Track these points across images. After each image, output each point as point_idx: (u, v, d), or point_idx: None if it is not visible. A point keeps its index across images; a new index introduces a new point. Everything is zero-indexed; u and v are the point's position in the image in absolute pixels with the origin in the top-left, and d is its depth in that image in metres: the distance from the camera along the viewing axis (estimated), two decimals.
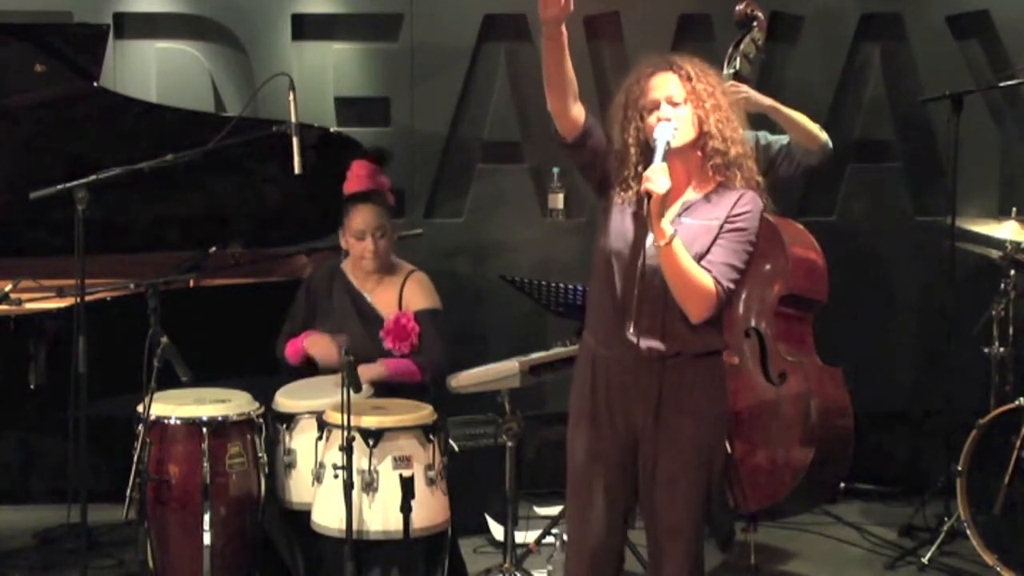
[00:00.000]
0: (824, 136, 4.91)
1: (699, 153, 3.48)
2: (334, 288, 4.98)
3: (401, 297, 4.89)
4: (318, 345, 4.87)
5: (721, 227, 3.44)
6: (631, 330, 3.44)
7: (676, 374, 3.46)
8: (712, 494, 3.58)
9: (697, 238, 3.42)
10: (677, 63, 3.49)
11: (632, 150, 3.46)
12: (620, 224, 3.49)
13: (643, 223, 3.43)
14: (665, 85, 3.45)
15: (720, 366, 3.58)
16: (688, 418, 3.47)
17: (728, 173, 3.46)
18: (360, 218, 4.90)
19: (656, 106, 3.43)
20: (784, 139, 4.96)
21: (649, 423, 3.47)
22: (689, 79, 3.46)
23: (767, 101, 4.90)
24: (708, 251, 3.42)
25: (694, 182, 3.50)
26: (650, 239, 3.42)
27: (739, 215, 3.45)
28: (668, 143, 3.37)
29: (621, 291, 3.46)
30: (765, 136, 4.98)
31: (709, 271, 3.40)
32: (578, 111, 3.50)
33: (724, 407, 3.61)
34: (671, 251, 3.33)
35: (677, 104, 3.44)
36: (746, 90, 4.88)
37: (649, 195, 3.29)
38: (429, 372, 4.78)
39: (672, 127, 3.40)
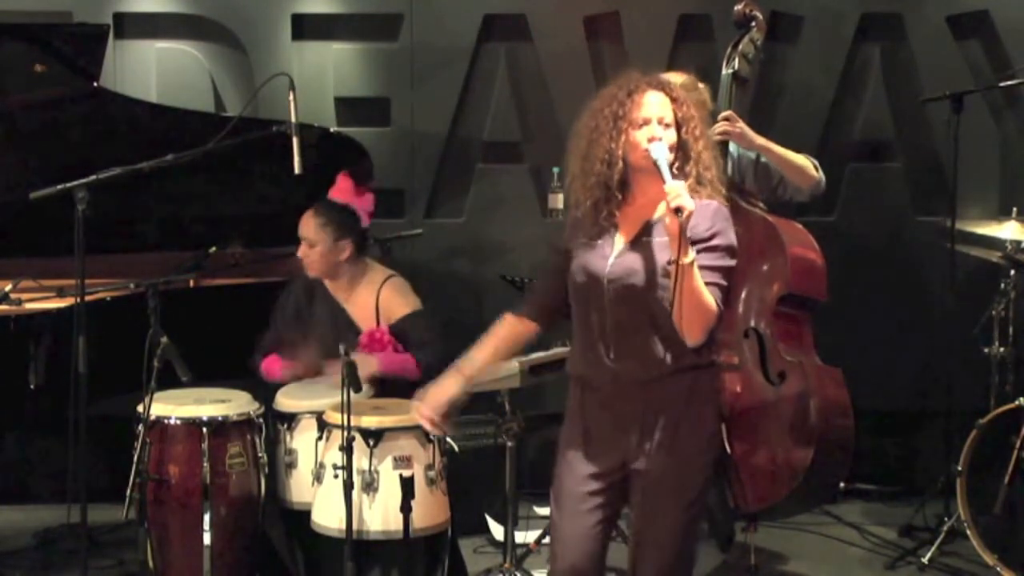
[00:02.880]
0: (818, 175, 4.93)
1: None
2: (315, 298, 4.99)
3: (378, 306, 4.88)
4: (295, 369, 4.90)
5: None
6: (610, 357, 3.45)
7: (660, 394, 3.44)
8: (699, 514, 3.56)
9: (663, 255, 3.40)
10: (669, 85, 3.49)
11: (620, 164, 3.43)
12: (582, 262, 3.49)
13: (602, 256, 3.45)
14: (657, 105, 3.44)
15: (709, 380, 3.54)
16: (674, 439, 3.45)
17: (699, 188, 3.44)
18: (300, 224, 4.94)
19: (647, 122, 3.42)
20: None
21: (637, 445, 3.47)
22: (679, 103, 3.46)
23: (759, 140, 4.90)
24: None
25: (662, 201, 3.47)
26: (609, 263, 3.44)
27: (713, 235, 3.43)
28: (667, 161, 3.37)
29: (596, 321, 3.47)
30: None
31: None
32: (530, 330, 3.68)
33: (714, 424, 3.57)
34: (692, 270, 3.30)
35: (669, 126, 3.44)
36: (742, 126, 4.89)
37: (679, 211, 3.25)
38: (425, 368, 4.77)
39: (666, 146, 3.39)
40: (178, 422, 4.53)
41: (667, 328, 3.40)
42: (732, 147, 4.99)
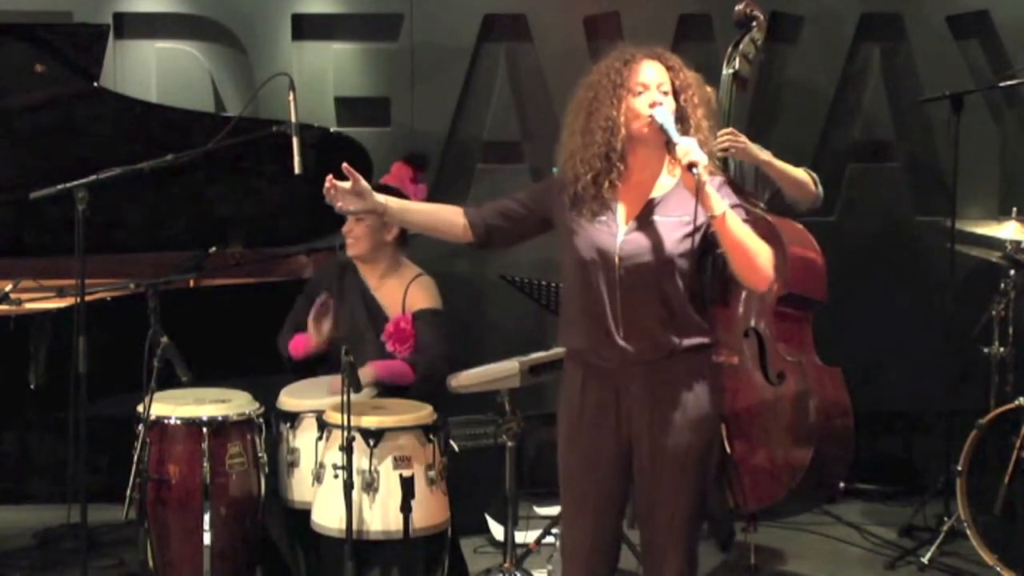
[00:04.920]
0: (817, 190, 4.94)
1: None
2: (345, 281, 5.00)
3: (405, 298, 4.90)
4: (314, 327, 4.88)
5: (701, 226, 3.43)
6: (620, 335, 3.44)
7: (667, 374, 3.46)
8: (708, 492, 3.57)
9: (671, 234, 3.41)
10: (664, 54, 3.51)
11: (622, 131, 3.43)
12: (587, 237, 3.48)
13: (608, 233, 3.45)
14: (654, 72, 3.46)
15: (710, 361, 3.57)
16: (682, 417, 3.47)
17: None
18: None
19: (645, 88, 3.43)
20: None
21: (644, 425, 3.48)
22: (675, 71, 3.48)
23: (763, 156, 4.90)
24: (692, 248, 3.41)
25: (660, 175, 3.49)
26: (620, 240, 3.43)
27: (729, 205, 3.43)
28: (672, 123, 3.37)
29: (605, 300, 3.46)
30: None
31: None
32: (463, 227, 3.63)
33: (717, 404, 3.59)
34: (726, 220, 3.31)
35: (667, 93, 3.45)
36: (744, 140, 4.89)
37: (693, 166, 3.27)
38: (420, 371, 4.78)
39: (668, 111, 3.40)
40: (178, 422, 4.53)
41: (678, 307, 3.42)
42: None
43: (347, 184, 3.60)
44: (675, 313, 3.43)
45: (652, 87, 3.43)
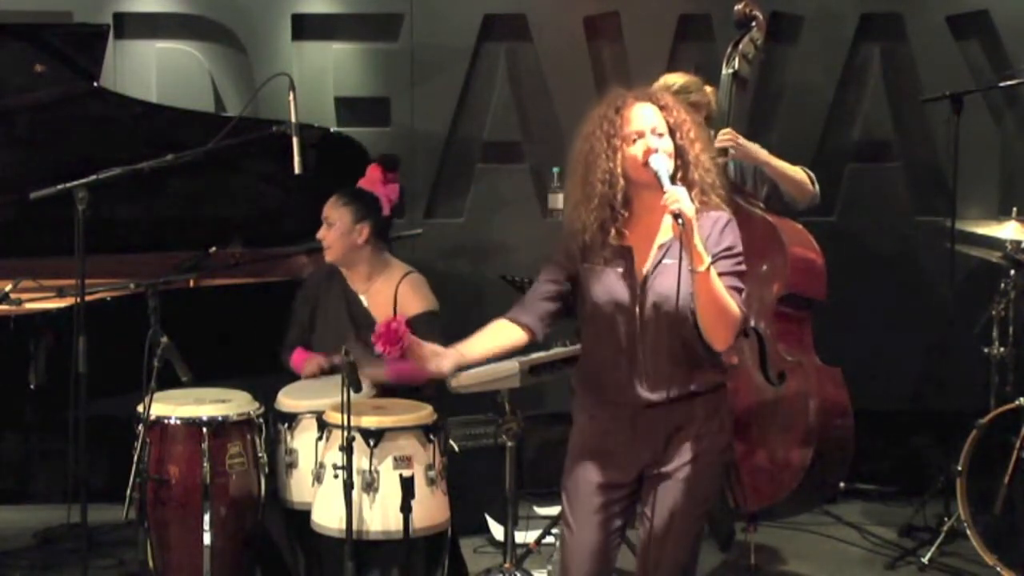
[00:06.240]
0: (814, 188, 4.95)
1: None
2: (332, 289, 4.98)
3: (395, 300, 4.88)
4: (310, 367, 4.89)
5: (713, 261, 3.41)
6: (639, 380, 3.43)
7: (683, 416, 3.47)
8: (710, 519, 3.58)
9: (682, 281, 3.38)
10: (655, 95, 3.47)
11: (620, 182, 3.40)
12: (605, 287, 3.46)
13: (626, 280, 3.43)
14: (647, 116, 3.41)
15: (723, 399, 3.58)
16: (694, 450, 3.48)
17: (703, 198, 3.42)
18: (325, 206, 4.94)
19: (640, 136, 3.39)
20: None
21: (657, 457, 3.48)
22: (668, 110, 3.44)
23: (762, 156, 4.91)
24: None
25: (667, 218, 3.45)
26: (637, 292, 3.41)
27: (728, 247, 3.43)
28: (668, 170, 3.35)
29: (625, 346, 3.44)
30: None
31: None
32: (523, 336, 3.58)
33: (727, 442, 3.60)
34: (708, 276, 3.29)
35: (662, 135, 3.41)
36: (743, 141, 4.89)
37: (678, 216, 3.23)
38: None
39: (665, 156, 3.37)
40: (178, 422, 4.53)
41: (696, 349, 3.42)
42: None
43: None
44: (693, 356, 3.44)
45: (647, 133, 3.39)
